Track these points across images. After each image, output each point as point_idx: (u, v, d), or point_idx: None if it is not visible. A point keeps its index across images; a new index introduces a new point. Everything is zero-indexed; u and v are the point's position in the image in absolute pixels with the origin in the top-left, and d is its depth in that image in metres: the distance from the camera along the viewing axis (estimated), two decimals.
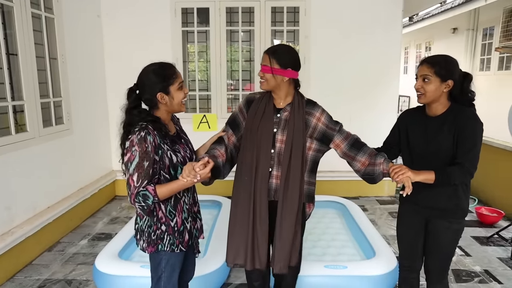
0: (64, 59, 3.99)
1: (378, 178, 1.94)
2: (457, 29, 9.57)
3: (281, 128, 1.94)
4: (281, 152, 1.93)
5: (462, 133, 1.87)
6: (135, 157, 1.65)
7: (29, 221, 3.36)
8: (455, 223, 2.02)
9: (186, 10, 4.97)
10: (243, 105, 2.08)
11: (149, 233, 1.80)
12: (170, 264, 1.84)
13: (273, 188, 1.96)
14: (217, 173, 1.91)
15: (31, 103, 3.46)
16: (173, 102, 1.78)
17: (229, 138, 2.05)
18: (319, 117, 1.99)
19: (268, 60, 1.90)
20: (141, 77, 1.81)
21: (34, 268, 3.24)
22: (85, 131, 4.45)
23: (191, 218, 1.91)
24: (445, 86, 1.92)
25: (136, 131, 1.68)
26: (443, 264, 2.11)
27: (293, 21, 5.04)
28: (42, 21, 3.69)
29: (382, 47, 4.87)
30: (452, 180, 1.86)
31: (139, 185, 1.64)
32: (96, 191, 4.54)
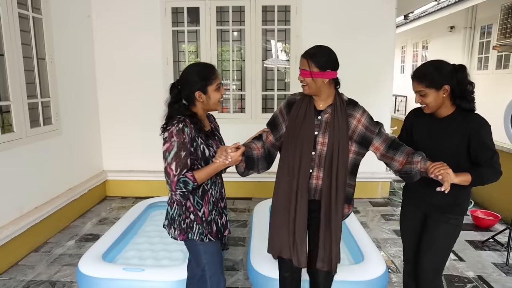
0: (52, 60, 3.98)
1: (415, 177, 1.94)
2: (454, 28, 9.52)
3: (322, 131, 1.96)
4: (322, 154, 1.96)
5: (479, 140, 1.93)
6: (174, 147, 1.80)
7: (15, 221, 3.35)
8: (452, 218, 2.05)
9: (176, 10, 4.95)
10: (283, 107, 2.11)
11: (179, 222, 1.95)
12: (209, 252, 1.98)
13: (313, 188, 2.00)
14: (251, 164, 2.01)
15: (18, 103, 3.44)
16: (210, 101, 1.93)
17: (267, 136, 2.10)
18: (359, 118, 1.99)
19: (306, 64, 1.91)
20: (184, 74, 1.95)
21: (20, 269, 3.24)
22: (75, 132, 4.44)
23: (216, 212, 2.01)
24: (443, 92, 1.96)
25: (174, 123, 1.82)
26: (437, 262, 2.10)
27: (284, 20, 5.02)
28: (29, 21, 3.67)
29: (375, 46, 4.84)
30: (485, 180, 1.91)
31: (178, 173, 1.79)
32: (85, 191, 4.53)
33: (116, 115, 5.04)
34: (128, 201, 4.96)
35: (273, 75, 5.09)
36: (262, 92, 5.03)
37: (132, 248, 3.26)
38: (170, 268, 2.79)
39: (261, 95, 5.01)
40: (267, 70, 5.66)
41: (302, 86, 1.97)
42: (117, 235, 3.25)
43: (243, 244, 3.69)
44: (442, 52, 9.82)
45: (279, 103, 5.27)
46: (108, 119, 5.06)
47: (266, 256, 2.88)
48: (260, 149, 2.06)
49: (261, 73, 4.99)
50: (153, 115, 4.95)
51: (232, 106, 5.11)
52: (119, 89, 4.98)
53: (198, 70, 1.94)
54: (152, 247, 3.28)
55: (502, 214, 4.26)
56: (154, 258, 3.10)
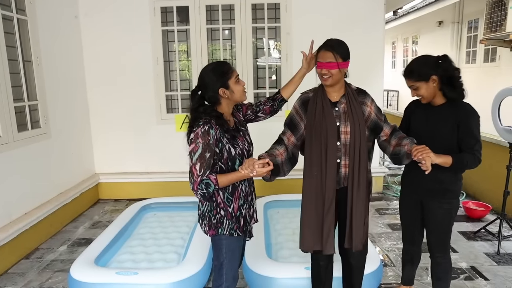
0: (39, 62, 3.90)
1: (403, 159, 2.10)
2: (442, 22, 9.59)
3: (343, 120, 2.05)
4: (346, 143, 2.05)
5: (466, 127, 2.12)
6: (199, 148, 1.83)
7: (4, 228, 3.28)
8: (445, 203, 2.25)
9: (166, 9, 4.89)
10: (298, 106, 2.17)
11: (210, 217, 1.99)
12: (230, 249, 2.02)
13: (342, 176, 2.09)
14: (276, 171, 2.06)
15: (4, 107, 3.37)
16: (234, 94, 1.96)
17: (288, 138, 2.15)
18: (370, 106, 2.11)
19: (332, 56, 1.98)
20: (202, 78, 1.97)
21: (9, 277, 3.17)
22: (64, 135, 4.37)
23: (246, 206, 2.06)
24: (432, 82, 2.14)
25: (200, 124, 1.85)
26: (440, 239, 2.33)
27: (274, 17, 4.99)
28: (14, 23, 3.59)
29: (365, 42, 4.82)
30: (465, 165, 2.09)
31: (202, 174, 1.83)
32: (77, 195, 4.46)
33: (107, 117, 4.97)
34: (121, 204, 4.90)
35: (265, 73, 5.05)
36: (254, 90, 4.99)
37: (126, 251, 3.20)
38: (164, 270, 2.76)
39: (253, 93, 4.98)
40: (258, 68, 5.63)
41: (325, 78, 2.02)
42: (110, 239, 3.20)
43: None
44: (432, 46, 9.87)
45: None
46: (99, 121, 4.99)
47: (261, 254, 2.87)
48: (283, 154, 2.12)
49: (252, 71, 4.96)
50: (145, 115, 4.95)
51: None
52: (109, 90, 4.91)
53: (214, 68, 1.97)
54: (145, 249, 3.23)
55: (492, 205, 4.32)
56: (148, 260, 3.05)
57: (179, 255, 3.15)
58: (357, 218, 2.08)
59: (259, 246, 3.00)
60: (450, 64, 2.13)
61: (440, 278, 2.41)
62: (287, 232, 3.53)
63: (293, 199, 4.21)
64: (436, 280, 2.44)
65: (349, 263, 2.29)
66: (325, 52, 2.00)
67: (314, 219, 2.09)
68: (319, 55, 2.03)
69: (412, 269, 2.67)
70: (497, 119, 3.53)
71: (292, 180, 4.68)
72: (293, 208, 4.09)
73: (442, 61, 2.13)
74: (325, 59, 1.99)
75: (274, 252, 3.20)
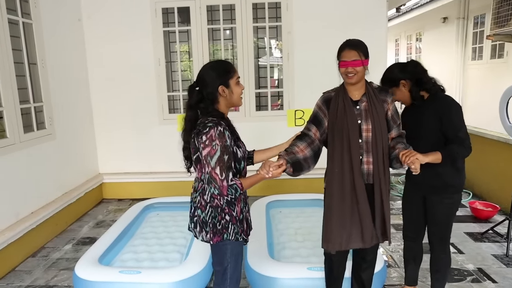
0: (44, 64, 3.97)
1: (393, 162, 2.13)
2: (447, 19, 9.49)
3: (364, 119, 2.10)
4: (368, 140, 2.10)
5: (447, 118, 2.20)
6: (216, 151, 1.77)
7: (11, 227, 3.36)
8: (446, 198, 2.31)
9: (167, 10, 4.93)
10: (321, 103, 2.23)
11: (214, 224, 1.91)
12: (234, 254, 1.97)
13: (365, 172, 2.12)
14: (299, 166, 2.08)
15: (10, 109, 3.44)
16: (233, 95, 1.91)
17: (314, 133, 2.20)
18: (390, 104, 2.16)
19: (357, 54, 2.05)
20: (201, 73, 1.91)
21: (17, 275, 3.25)
22: (69, 135, 4.44)
23: (247, 209, 2.06)
24: (402, 86, 2.32)
25: (212, 125, 1.78)
26: (441, 233, 2.40)
27: (275, 17, 5.01)
28: (19, 27, 3.66)
29: (368, 40, 4.69)
30: (456, 155, 2.15)
31: (225, 178, 1.78)
32: (82, 195, 4.53)
33: (110, 117, 5.04)
34: (125, 203, 4.96)
35: (266, 72, 5.08)
36: (255, 90, 5.02)
37: (129, 251, 3.26)
38: (167, 269, 2.81)
39: (255, 93, 5.01)
40: (259, 67, 5.65)
41: (350, 76, 2.07)
42: (113, 238, 3.26)
43: None
44: (436, 43, 9.80)
45: (273, 101, 5.29)
46: (102, 121, 5.05)
47: (263, 255, 2.90)
48: (304, 150, 2.13)
49: (254, 71, 4.99)
50: (147, 115, 5.00)
51: None
52: (112, 91, 4.97)
53: (215, 66, 1.93)
54: (148, 248, 3.28)
55: (500, 205, 4.21)
56: (151, 260, 3.10)
57: (182, 254, 3.19)
58: (387, 212, 2.14)
59: (262, 246, 3.03)
60: (415, 67, 2.31)
61: (438, 270, 2.47)
62: (290, 232, 3.56)
63: (296, 198, 4.25)
64: (435, 272, 2.49)
65: (363, 257, 2.33)
66: (350, 51, 2.07)
67: (342, 218, 2.11)
68: (342, 54, 2.09)
69: (415, 268, 2.69)
70: (505, 117, 3.50)
71: (293, 180, 4.73)
72: (295, 208, 4.13)
73: (407, 66, 2.33)
74: (350, 57, 2.06)
75: (276, 252, 3.23)
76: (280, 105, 5.47)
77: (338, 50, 2.15)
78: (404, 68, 2.33)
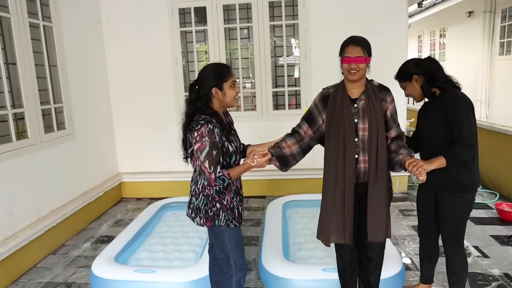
0: (64, 66, 4.05)
1: (395, 166, 2.11)
2: (472, 13, 9.18)
3: (361, 117, 2.09)
4: (364, 139, 2.09)
5: (450, 115, 2.19)
6: (206, 146, 1.93)
7: (33, 225, 3.45)
8: (456, 196, 2.29)
9: (184, 10, 4.96)
10: (318, 101, 2.22)
11: (206, 210, 2.10)
12: (233, 238, 2.13)
13: (362, 171, 2.12)
14: (285, 161, 2.20)
15: (31, 110, 3.53)
16: (225, 98, 2.05)
17: (305, 131, 2.22)
18: (389, 103, 2.15)
19: (361, 51, 2.04)
20: (201, 73, 2.09)
21: (38, 271, 3.33)
22: (88, 136, 4.52)
23: (238, 200, 2.18)
24: (415, 81, 2.36)
25: (203, 123, 1.95)
26: (451, 233, 2.36)
27: (292, 15, 4.95)
28: (40, 30, 3.75)
29: (387, 37, 4.71)
30: (459, 157, 2.09)
31: (213, 171, 1.95)
32: (101, 194, 4.61)
33: (129, 118, 5.11)
34: (143, 203, 5.03)
35: (283, 71, 5.03)
36: (272, 89, 4.99)
37: (145, 249, 3.29)
38: (181, 269, 2.82)
39: (272, 92, 4.97)
40: (276, 66, 5.61)
41: (353, 72, 2.05)
42: (130, 237, 3.30)
43: (256, 244, 3.68)
44: (461, 39, 9.49)
45: (289, 100, 5.23)
46: (121, 122, 5.13)
47: (278, 256, 2.87)
48: (292, 146, 2.20)
49: (271, 70, 4.95)
50: (165, 116, 5.04)
51: (243, 104, 5.09)
52: (131, 92, 5.04)
53: (213, 68, 2.08)
54: (164, 248, 3.31)
55: None
56: (167, 259, 3.12)
57: (197, 254, 3.20)
58: (377, 209, 2.11)
59: (276, 247, 3.00)
60: (429, 64, 2.33)
61: (454, 273, 2.43)
62: (306, 232, 3.52)
63: (313, 199, 4.17)
64: (451, 275, 2.46)
65: (368, 257, 2.29)
66: (354, 47, 2.05)
67: (332, 211, 2.13)
68: (346, 50, 2.07)
69: (430, 267, 2.66)
70: None
71: (311, 180, 4.68)
72: (312, 208, 4.06)
73: (422, 62, 2.35)
74: (354, 53, 2.04)
75: (292, 253, 3.20)
76: (297, 104, 5.42)
77: (341, 46, 2.12)
78: (419, 63, 2.35)
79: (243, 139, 2.45)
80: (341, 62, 2.10)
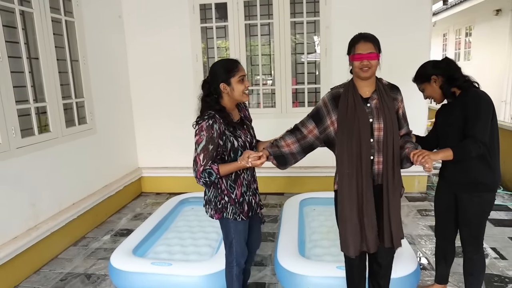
0: (85, 61, 4.12)
1: (403, 162, 2.06)
2: (500, 11, 8.90)
3: (376, 117, 2.03)
4: (380, 140, 2.02)
5: (468, 111, 2.15)
6: (203, 140, 2.00)
7: (54, 217, 3.52)
8: (475, 196, 2.25)
9: (205, 6, 4.97)
10: (328, 100, 2.14)
11: (215, 203, 2.19)
12: (238, 230, 2.21)
13: (376, 173, 2.06)
14: (283, 160, 2.17)
15: (53, 104, 3.60)
16: (234, 92, 2.09)
17: (311, 130, 2.15)
18: (400, 102, 2.12)
19: (373, 47, 1.99)
20: (211, 69, 2.14)
21: (59, 262, 3.40)
22: (109, 130, 4.59)
23: (250, 193, 2.25)
24: (434, 82, 2.33)
25: (205, 118, 2.01)
26: (472, 233, 2.33)
27: (313, 11, 4.90)
28: (62, 25, 3.82)
29: (410, 35, 4.61)
30: (468, 152, 2.08)
31: (204, 164, 2.01)
32: (121, 188, 4.67)
33: (149, 113, 5.16)
34: (162, 197, 5.07)
35: (303, 68, 4.99)
36: (292, 86, 4.95)
37: (163, 243, 3.32)
38: (197, 263, 2.83)
39: (291, 89, 4.94)
40: (297, 63, 5.57)
41: (365, 70, 1.98)
42: (148, 230, 3.33)
43: (272, 240, 3.66)
44: (487, 38, 9.22)
45: (309, 97, 5.18)
46: (142, 117, 5.19)
47: (293, 252, 2.85)
48: (291, 145, 2.15)
49: (291, 67, 4.91)
50: (185, 112, 5.06)
51: (262, 101, 5.07)
52: (151, 87, 5.09)
53: (221, 64, 2.13)
54: (181, 242, 3.33)
55: None
56: (183, 253, 3.14)
57: (213, 248, 3.21)
58: (396, 216, 2.05)
59: (292, 244, 2.98)
60: (448, 65, 2.30)
61: (471, 273, 2.41)
62: (322, 230, 3.49)
63: (330, 196, 4.08)
64: (468, 275, 2.43)
65: (378, 263, 2.23)
66: (366, 43, 1.99)
67: (354, 219, 2.04)
68: (357, 47, 2.00)
69: (446, 268, 2.64)
70: None
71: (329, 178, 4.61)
72: (329, 206, 3.98)
73: (441, 63, 2.33)
74: (366, 50, 1.98)
75: (307, 250, 3.17)
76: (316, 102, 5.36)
77: (349, 43, 2.06)
78: (437, 64, 2.34)
79: (262, 135, 2.43)
80: (350, 60, 2.04)
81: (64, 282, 3.07)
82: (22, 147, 3.21)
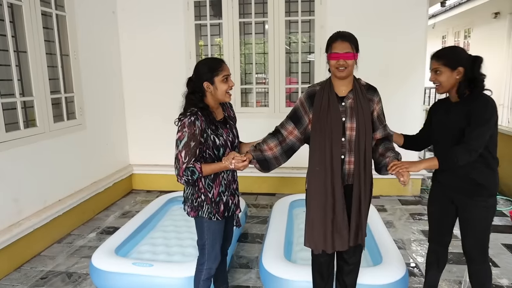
0: (76, 56, 4.06)
1: (382, 169, 2.07)
2: (499, 14, 8.85)
3: (349, 116, 2.01)
4: (351, 139, 2.01)
5: (474, 116, 2.02)
6: (185, 137, 1.99)
7: (38, 213, 3.47)
8: (480, 201, 2.13)
9: (199, 3, 4.90)
10: (304, 99, 2.13)
11: (192, 200, 2.17)
12: (211, 231, 2.18)
13: (346, 173, 2.05)
14: (266, 164, 2.15)
15: (41, 98, 3.54)
16: (217, 91, 2.08)
17: (290, 132, 2.13)
18: (376, 104, 2.08)
19: (350, 47, 1.96)
20: (195, 67, 2.14)
21: (41, 259, 3.35)
22: (100, 126, 4.53)
23: (228, 193, 2.22)
24: (456, 73, 2.09)
25: (188, 115, 2.01)
26: (478, 242, 2.19)
27: (308, 10, 4.84)
28: (53, 19, 3.75)
29: (405, 36, 4.55)
30: (456, 161, 1.97)
31: (187, 161, 1.99)
32: (110, 185, 4.62)
33: (141, 110, 5.10)
34: (152, 195, 5.02)
35: (297, 68, 4.94)
36: (286, 85, 4.89)
37: (147, 243, 3.26)
38: (179, 264, 2.77)
39: (285, 89, 4.88)
40: (291, 63, 5.51)
41: (341, 69, 1.97)
42: (133, 229, 3.27)
43: (260, 241, 3.61)
44: (486, 41, 9.17)
45: None
46: (134, 113, 5.13)
47: (279, 255, 2.80)
48: (274, 148, 2.13)
49: (285, 66, 4.85)
50: (177, 109, 4.98)
51: (255, 100, 5.02)
52: (144, 83, 5.03)
53: (206, 62, 2.12)
54: (166, 242, 3.27)
55: None
56: (167, 253, 3.08)
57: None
58: (364, 216, 2.06)
59: (278, 247, 2.93)
60: (479, 66, 2.11)
61: (483, 284, 2.27)
62: None
63: None
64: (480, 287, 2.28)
65: (347, 262, 2.23)
66: (342, 43, 1.96)
67: (322, 215, 2.04)
68: (333, 46, 1.98)
69: (437, 274, 2.52)
70: None
71: None
72: None
73: (475, 60, 2.11)
74: (343, 49, 1.95)
75: (294, 253, 3.12)
76: None
77: (327, 41, 2.04)
78: (473, 59, 2.11)
79: (254, 135, 2.36)
80: (327, 59, 2.01)
81: (44, 281, 3.01)
82: (6, 141, 3.15)
